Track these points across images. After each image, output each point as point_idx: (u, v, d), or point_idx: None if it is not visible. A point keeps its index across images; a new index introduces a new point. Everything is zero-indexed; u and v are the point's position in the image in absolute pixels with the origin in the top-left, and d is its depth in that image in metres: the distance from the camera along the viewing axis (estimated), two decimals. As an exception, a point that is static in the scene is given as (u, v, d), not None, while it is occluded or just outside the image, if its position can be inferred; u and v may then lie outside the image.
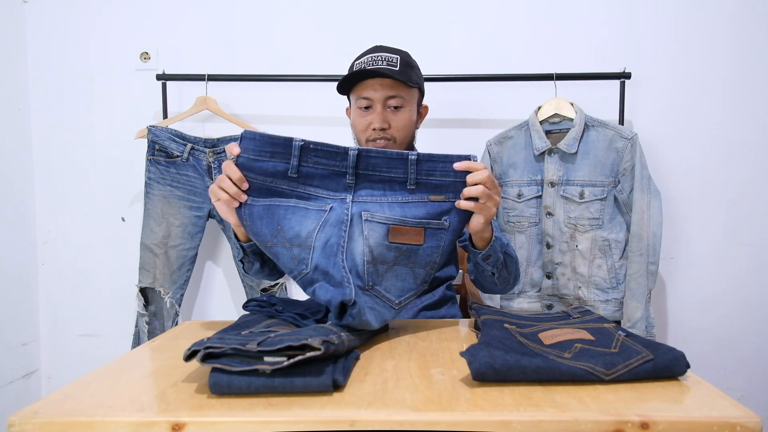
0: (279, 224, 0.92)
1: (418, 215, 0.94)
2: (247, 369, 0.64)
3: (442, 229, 0.95)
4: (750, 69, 1.83)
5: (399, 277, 0.93)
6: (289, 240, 0.92)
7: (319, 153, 0.93)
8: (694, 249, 1.88)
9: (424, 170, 0.94)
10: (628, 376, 0.66)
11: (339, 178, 0.94)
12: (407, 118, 1.25)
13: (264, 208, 0.93)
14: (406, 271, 0.93)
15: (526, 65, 1.84)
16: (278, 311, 0.95)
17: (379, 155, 0.94)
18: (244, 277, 1.83)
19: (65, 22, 1.92)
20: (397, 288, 0.93)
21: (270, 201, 0.93)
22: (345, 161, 0.93)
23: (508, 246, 1.13)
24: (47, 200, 1.96)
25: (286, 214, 0.93)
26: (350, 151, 0.93)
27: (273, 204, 0.93)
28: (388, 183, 0.95)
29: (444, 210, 0.95)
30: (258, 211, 0.93)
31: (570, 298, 1.73)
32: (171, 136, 1.76)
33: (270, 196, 0.93)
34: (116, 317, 1.94)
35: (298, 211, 0.93)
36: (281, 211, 0.93)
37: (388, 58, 1.22)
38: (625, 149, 1.67)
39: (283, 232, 0.92)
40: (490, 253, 1.06)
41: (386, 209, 0.94)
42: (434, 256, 0.95)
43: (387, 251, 0.92)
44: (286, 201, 0.93)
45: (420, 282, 0.95)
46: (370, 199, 0.95)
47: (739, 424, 0.56)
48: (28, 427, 0.59)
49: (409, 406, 0.60)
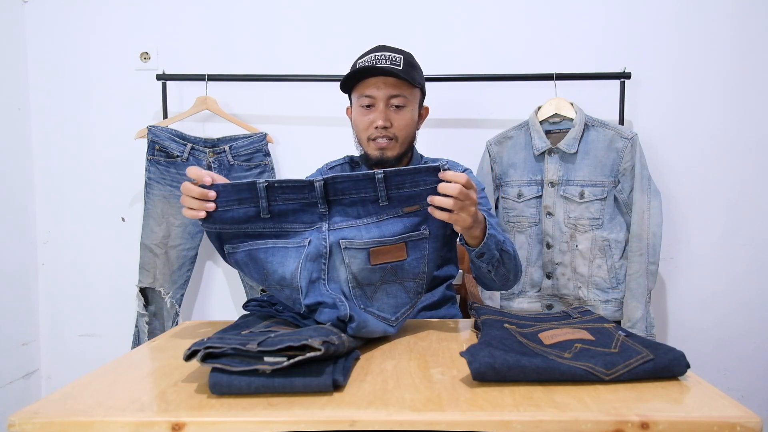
0: (264, 268, 0.92)
1: (396, 231, 0.93)
2: (247, 369, 0.64)
3: (423, 238, 0.94)
4: (750, 69, 1.83)
5: (390, 294, 0.93)
6: (277, 282, 0.91)
7: (285, 190, 0.92)
8: (694, 249, 1.88)
9: (394, 184, 0.93)
10: (628, 376, 0.66)
11: (312, 209, 0.94)
12: (409, 118, 1.25)
13: (246, 255, 0.92)
14: (396, 287, 0.93)
15: (526, 65, 1.84)
16: (278, 311, 0.95)
17: (345, 179, 0.93)
18: (244, 277, 1.83)
19: (65, 22, 1.92)
20: (390, 305, 0.93)
21: (249, 246, 0.92)
22: (313, 192, 0.92)
23: (505, 243, 1.10)
24: (47, 200, 1.96)
25: (267, 257, 0.92)
26: (316, 182, 0.92)
27: (252, 249, 0.92)
28: (361, 204, 0.94)
29: (421, 219, 0.94)
30: (242, 258, 0.93)
31: (570, 298, 1.73)
32: (171, 136, 1.76)
33: (249, 240, 0.93)
34: (116, 317, 1.94)
35: (278, 252, 0.92)
36: (261, 254, 0.92)
37: (391, 57, 1.22)
38: (625, 149, 1.67)
39: (270, 276, 0.91)
40: (484, 250, 1.04)
41: (363, 232, 0.93)
42: (421, 266, 0.94)
43: (371, 274, 0.92)
44: (263, 243, 0.92)
45: (413, 294, 0.94)
46: (346, 225, 0.94)
47: (739, 424, 0.56)
48: (28, 427, 0.59)
49: (409, 406, 0.60)
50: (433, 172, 0.91)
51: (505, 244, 1.10)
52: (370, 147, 1.25)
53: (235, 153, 1.78)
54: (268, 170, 1.81)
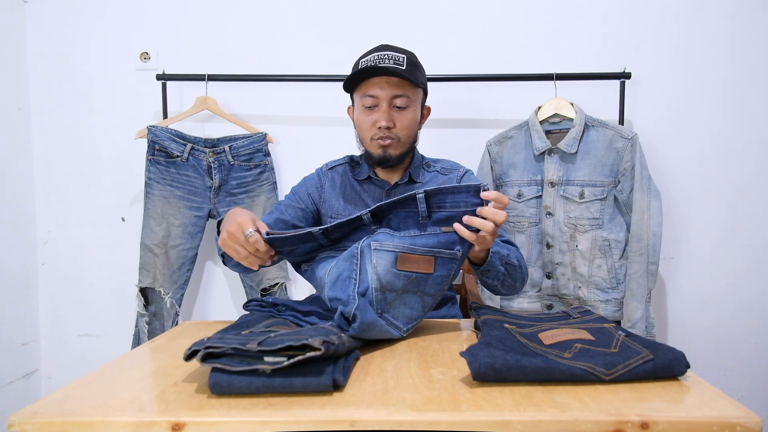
0: (318, 276, 1.01)
1: (429, 244, 0.94)
2: (247, 369, 0.64)
3: (454, 258, 0.95)
4: (750, 69, 1.83)
5: (407, 305, 0.93)
6: (318, 285, 1.00)
7: (340, 227, 1.00)
8: (694, 249, 1.88)
9: (435, 203, 0.95)
10: (628, 376, 0.66)
11: (366, 228, 1.01)
12: (412, 118, 1.25)
13: (311, 269, 1.05)
14: (415, 299, 0.93)
15: (526, 65, 1.84)
16: (278, 311, 0.95)
17: (390, 205, 0.98)
18: (245, 277, 1.83)
19: (65, 22, 1.92)
20: (405, 316, 0.93)
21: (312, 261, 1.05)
22: (362, 222, 1.00)
23: (509, 257, 1.11)
24: (47, 200, 1.96)
25: (319, 264, 1.03)
26: (363, 216, 0.99)
27: (314, 260, 1.05)
28: (403, 220, 0.99)
29: (456, 240, 0.95)
30: (309, 273, 1.05)
31: (570, 298, 1.73)
32: (171, 136, 1.76)
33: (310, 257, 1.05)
34: (116, 317, 1.94)
35: (329, 260, 1.01)
36: (318, 264, 1.03)
37: (395, 57, 1.21)
38: (625, 149, 1.67)
39: (317, 282, 1.02)
40: (489, 268, 1.06)
41: (396, 239, 0.95)
42: (443, 284, 0.95)
43: (396, 279, 0.93)
44: (320, 253, 1.05)
45: (427, 309, 0.95)
46: (384, 232, 0.99)
47: (739, 424, 0.56)
48: (28, 427, 0.59)
49: (409, 406, 0.61)
50: (474, 192, 0.93)
51: (510, 257, 1.12)
52: (373, 146, 1.25)
53: (235, 153, 1.78)
54: (268, 170, 1.81)
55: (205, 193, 1.79)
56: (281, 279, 1.81)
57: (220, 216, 1.79)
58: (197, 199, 1.79)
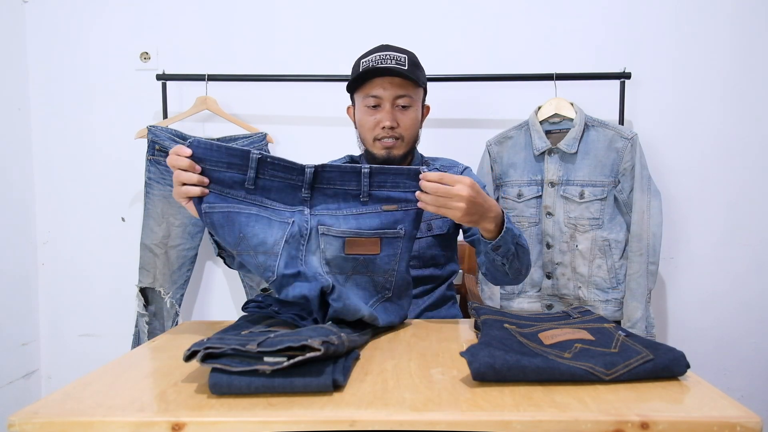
0: (241, 232, 0.91)
1: (373, 226, 0.97)
2: (247, 369, 0.64)
3: (398, 237, 0.98)
4: (750, 69, 1.83)
5: (359, 286, 0.96)
6: (254, 248, 0.90)
7: (276, 167, 0.94)
8: (694, 249, 1.88)
9: (376, 182, 0.97)
10: (628, 376, 0.66)
11: (294, 192, 0.96)
12: (414, 118, 1.25)
13: (223, 216, 0.91)
14: (365, 280, 0.96)
15: (526, 65, 1.84)
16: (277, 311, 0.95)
17: (333, 170, 0.97)
18: (244, 277, 1.83)
19: (65, 22, 1.92)
20: (358, 296, 0.94)
21: (229, 208, 0.92)
22: (302, 176, 0.95)
23: (521, 237, 1.13)
24: (47, 200, 1.96)
25: (249, 222, 0.91)
26: (307, 168, 0.95)
27: (232, 211, 0.91)
28: (342, 196, 0.98)
29: (398, 218, 0.98)
30: (218, 219, 0.91)
31: (570, 298, 1.73)
32: (171, 136, 1.76)
33: (229, 202, 0.92)
34: (116, 317, 1.94)
35: (261, 219, 0.92)
36: (242, 218, 0.91)
37: (396, 57, 1.21)
38: (625, 149, 1.67)
39: (247, 239, 0.91)
40: (500, 243, 1.06)
41: (342, 222, 0.96)
42: (392, 263, 0.98)
43: (344, 262, 0.95)
44: (246, 209, 0.92)
45: (380, 289, 0.97)
46: (326, 212, 0.97)
47: (739, 424, 0.56)
48: (28, 427, 0.59)
49: (409, 406, 0.60)
50: (414, 176, 0.97)
51: (521, 238, 1.13)
52: (376, 147, 1.25)
53: (235, 153, 1.78)
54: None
55: (205, 193, 1.79)
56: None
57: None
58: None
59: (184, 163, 0.89)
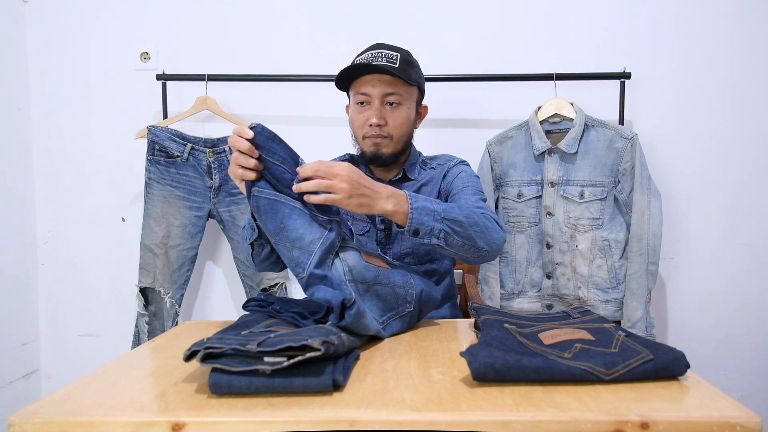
0: (282, 222, 0.92)
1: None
2: (247, 369, 0.64)
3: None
4: (750, 69, 1.83)
5: (380, 296, 0.95)
6: (291, 241, 0.91)
7: None
8: (694, 249, 1.88)
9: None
10: (628, 376, 0.66)
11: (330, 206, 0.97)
12: (405, 116, 1.24)
13: (269, 203, 0.92)
14: (387, 291, 0.96)
15: (526, 65, 1.84)
16: (277, 311, 0.95)
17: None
18: (244, 277, 1.83)
19: (65, 22, 1.92)
20: (378, 307, 0.94)
21: (276, 197, 0.93)
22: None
23: (447, 211, 1.00)
24: (47, 200, 1.96)
25: (292, 215, 0.92)
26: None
27: (279, 200, 0.93)
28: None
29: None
30: (264, 204, 0.92)
31: (570, 298, 1.73)
32: (171, 136, 1.76)
33: (275, 191, 0.94)
34: (116, 317, 1.94)
35: (303, 215, 0.93)
36: (286, 210, 0.92)
37: (388, 55, 1.21)
38: (625, 149, 1.67)
39: (287, 231, 0.91)
40: (415, 226, 0.97)
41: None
42: (407, 276, 0.99)
43: (366, 271, 0.95)
44: (292, 201, 0.93)
45: (401, 301, 0.96)
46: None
47: (739, 424, 0.56)
48: (28, 427, 0.59)
49: (409, 406, 0.60)
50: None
51: (449, 212, 1.00)
52: (365, 144, 1.24)
53: (235, 153, 1.78)
54: (268, 170, 1.81)
55: (205, 193, 1.79)
56: (281, 279, 1.81)
57: (220, 216, 1.79)
58: (197, 199, 1.79)
59: (244, 146, 0.90)
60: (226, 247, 1.91)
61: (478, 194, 1.21)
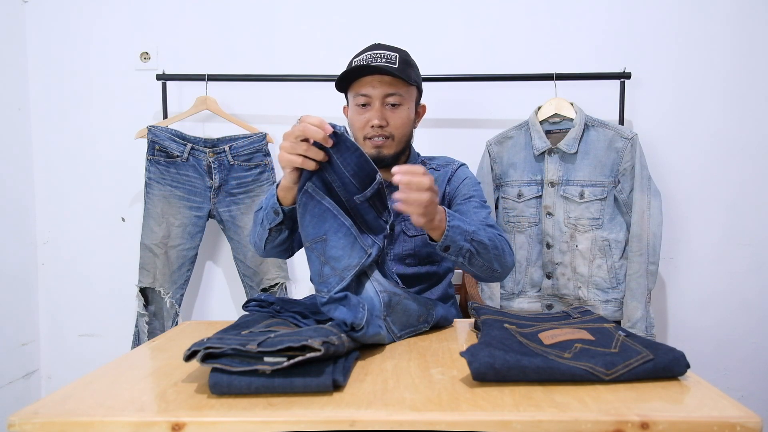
0: (326, 234, 0.87)
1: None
2: (247, 369, 0.64)
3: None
4: (750, 69, 1.83)
5: (407, 311, 0.93)
6: (327, 257, 0.87)
7: (382, 198, 0.93)
8: (694, 249, 1.88)
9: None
10: (628, 376, 0.66)
11: (380, 225, 0.95)
12: (405, 116, 1.25)
13: (320, 208, 0.88)
14: (414, 307, 0.95)
15: (526, 65, 1.84)
16: (277, 311, 0.95)
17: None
18: (244, 277, 1.83)
19: (65, 22, 1.92)
20: (402, 322, 0.93)
21: (328, 204, 0.88)
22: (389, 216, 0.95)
23: (477, 233, 1.02)
24: (47, 200, 1.96)
25: (339, 231, 0.88)
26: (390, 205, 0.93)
27: (330, 209, 0.88)
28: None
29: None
30: (312, 206, 0.88)
31: (570, 298, 1.73)
32: (171, 136, 1.76)
33: (330, 199, 0.89)
34: (116, 317, 1.94)
35: (349, 235, 0.88)
36: (335, 224, 0.88)
37: (387, 56, 1.21)
38: (625, 149, 1.67)
39: (326, 245, 0.87)
40: (448, 243, 0.98)
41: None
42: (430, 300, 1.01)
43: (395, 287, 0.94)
44: (343, 217, 0.88)
45: (422, 321, 0.96)
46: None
47: (739, 424, 0.56)
48: (28, 427, 0.59)
49: (409, 406, 0.60)
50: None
51: (477, 234, 1.02)
52: (367, 145, 1.24)
53: (235, 153, 1.78)
54: (268, 170, 1.81)
55: (205, 193, 1.79)
56: (281, 279, 1.81)
57: (220, 216, 1.79)
58: (197, 199, 1.79)
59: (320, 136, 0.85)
60: (226, 247, 1.91)
61: (484, 207, 1.23)
